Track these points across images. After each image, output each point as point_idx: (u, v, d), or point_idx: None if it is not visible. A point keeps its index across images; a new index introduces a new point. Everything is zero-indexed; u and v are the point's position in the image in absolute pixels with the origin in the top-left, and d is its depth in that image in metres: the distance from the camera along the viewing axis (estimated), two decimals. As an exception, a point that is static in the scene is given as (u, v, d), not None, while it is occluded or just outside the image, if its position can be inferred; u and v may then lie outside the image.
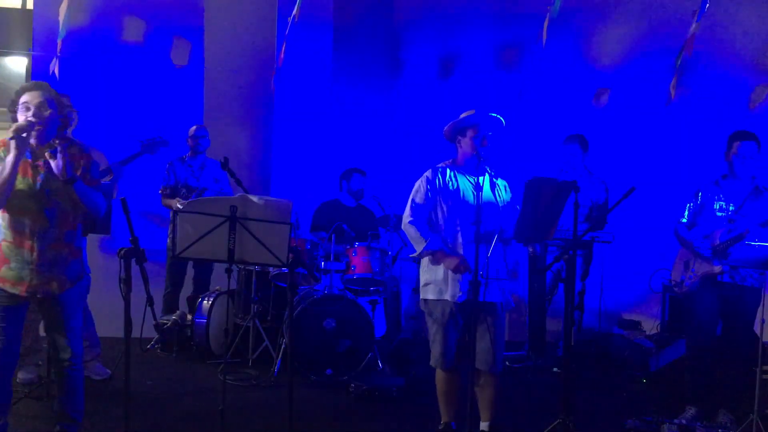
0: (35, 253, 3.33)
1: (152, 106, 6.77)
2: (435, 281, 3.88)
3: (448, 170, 3.92)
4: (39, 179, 3.34)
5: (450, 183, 3.88)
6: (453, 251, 3.81)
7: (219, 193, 6.11)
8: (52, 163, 3.25)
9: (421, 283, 3.97)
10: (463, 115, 3.92)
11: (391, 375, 5.38)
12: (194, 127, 6.31)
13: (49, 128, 3.33)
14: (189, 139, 6.22)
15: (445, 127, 3.97)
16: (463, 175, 3.91)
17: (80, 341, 3.59)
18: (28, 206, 3.32)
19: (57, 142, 3.30)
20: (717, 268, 4.47)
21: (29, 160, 3.34)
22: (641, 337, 6.27)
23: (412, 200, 3.93)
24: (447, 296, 3.82)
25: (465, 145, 3.91)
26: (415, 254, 3.95)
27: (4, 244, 3.31)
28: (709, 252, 4.51)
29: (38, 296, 3.39)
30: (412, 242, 3.95)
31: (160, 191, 6.15)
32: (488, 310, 3.83)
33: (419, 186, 3.94)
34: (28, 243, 3.32)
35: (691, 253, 4.65)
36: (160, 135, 5.40)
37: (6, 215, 3.31)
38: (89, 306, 5.04)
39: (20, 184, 3.31)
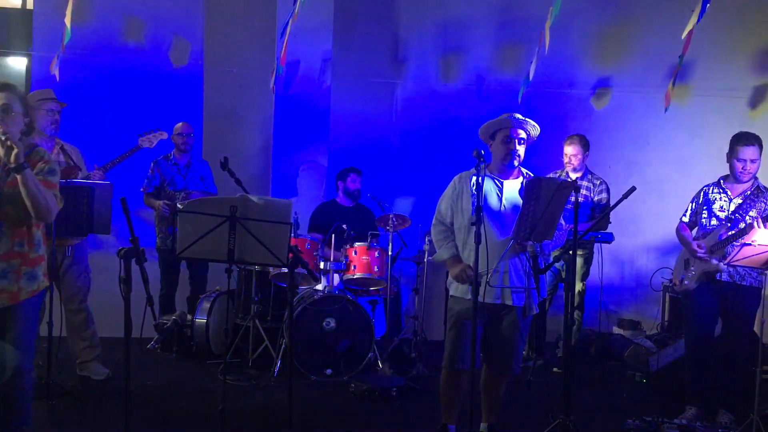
0: None
1: (152, 106, 6.76)
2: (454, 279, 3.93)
3: (473, 177, 3.86)
4: None
5: (472, 188, 3.83)
6: (462, 259, 3.84)
7: (205, 191, 6.09)
8: (1, 151, 3.03)
9: (448, 280, 4.00)
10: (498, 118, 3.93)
11: (391, 375, 5.38)
12: (181, 124, 6.17)
13: (11, 132, 3.14)
14: (175, 137, 6.09)
15: (480, 129, 3.97)
16: (491, 178, 3.88)
17: (30, 357, 3.34)
18: None
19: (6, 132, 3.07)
20: (721, 265, 4.47)
21: None
22: (641, 337, 6.27)
23: (438, 205, 4.01)
24: (466, 295, 3.82)
25: (494, 147, 3.91)
26: (433, 257, 4.03)
27: None
28: (705, 254, 4.53)
29: None
30: (435, 244, 4.05)
31: (142, 189, 6.09)
32: (498, 312, 3.84)
33: (445, 192, 4.00)
34: None
35: (690, 254, 4.66)
36: (157, 127, 5.38)
37: None
38: (90, 306, 5.06)
39: None
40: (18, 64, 6.95)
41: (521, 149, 3.86)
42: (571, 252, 3.84)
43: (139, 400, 4.57)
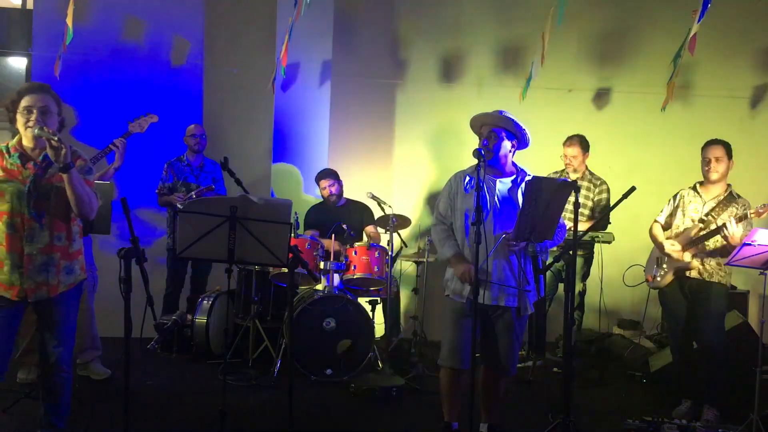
0: (25, 257, 3.31)
1: (152, 106, 6.75)
2: (452, 278, 3.91)
3: (467, 176, 3.90)
4: (28, 181, 3.32)
5: (467, 187, 3.85)
6: (465, 257, 3.84)
7: (216, 193, 6.11)
8: (50, 152, 3.19)
9: (444, 279, 3.99)
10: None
11: (391, 375, 5.38)
12: (193, 126, 6.30)
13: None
14: (188, 138, 6.22)
15: (470, 121, 4.00)
16: (486, 177, 3.85)
17: (71, 346, 3.53)
18: (18, 209, 3.30)
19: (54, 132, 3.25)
20: (693, 262, 4.63)
21: (18, 163, 3.33)
22: (641, 337, 6.27)
23: (436, 205, 4.04)
24: (460, 295, 3.82)
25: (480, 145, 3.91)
26: (435, 258, 4.02)
27: None
28: (678, 250, 4.69)
29: (30, 300, 3.35)
30: (435, 245, 4.03)
31: (157, 191, 6.12)
32: (495, 313, 3.84)
33: (442, 192, 4.03)
34: (18, 246, 3.30)
35: (661, 252, 4.84)
36: (147, 111, 5.39)
37: None
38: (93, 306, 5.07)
39: (10, 187, 3.29)
40: (18, 63, 6.95)
41: (506, 144, 3.84)
42: (571, 252, 3.84)
43: (139, 400, 4.58)
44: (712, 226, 4.58)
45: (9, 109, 3.37)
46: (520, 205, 3.78)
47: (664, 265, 4.81)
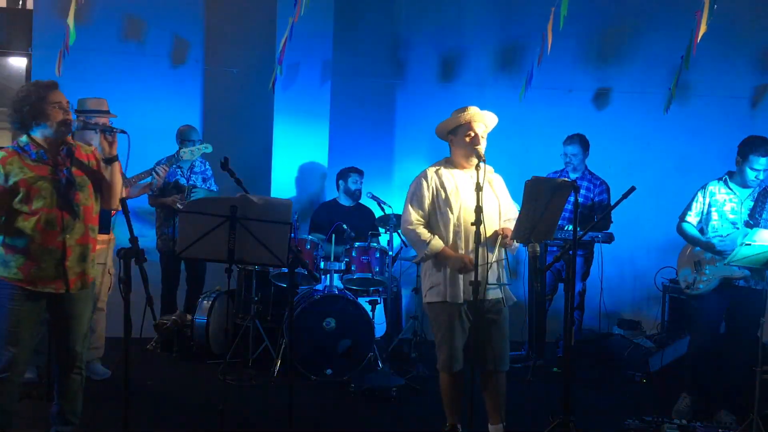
0: (67, 249, 3.37)
1: (152, 106, 6.76)
2: (437, 284, 3.81)
3: (443, 170, 3.86)
4: (64, 176, 3.37)
5: (447, 183, 3.81)
6: (456, 251, 3.77)
7: (207, 192, 6.10)
8: (105, 144, 3.47)
9: (424, 287, 3.90)
10: (455, 112, 3.87)
11: (391, 375, 5.37)
12: (189, 129, 6.20)
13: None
14: (186, 141, 6.10)
15: (438, 126, 3.91)
16: (460, 174, 3.86)
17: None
18: (54, 204, 3.34)
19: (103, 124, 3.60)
20: (746, 271, 4.42)
21: (45, 159, 3.36)
22: (641, 337, 6.27)
23: (410, 203, 3.85)
24: (450, 298, 3.77)
25: (458, 143, 3.83)
26: (417, 258, 3.91)
27: (32, 246, 3.31)
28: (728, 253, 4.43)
29: (72, 291, 3.42)
30: (413, 246, 3.88)
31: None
32: (492, 308, 3.81)
33: (415, 188, 3.86)
34: (58, 241, 3.35)
35: (710, 253, 4.56)
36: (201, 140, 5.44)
37: (32, 217, 3.31)
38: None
39: (45, 184, 3.33)
40: (18, 63, 6.95)
41: (485, 142, 3.81)
42: (571, 252, 3.84)
43: (139, 400, 4.58)
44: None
45: (32, 104, 3.33)
46: (497, 200, 3.82)
47: (707, 272, 4.57)
